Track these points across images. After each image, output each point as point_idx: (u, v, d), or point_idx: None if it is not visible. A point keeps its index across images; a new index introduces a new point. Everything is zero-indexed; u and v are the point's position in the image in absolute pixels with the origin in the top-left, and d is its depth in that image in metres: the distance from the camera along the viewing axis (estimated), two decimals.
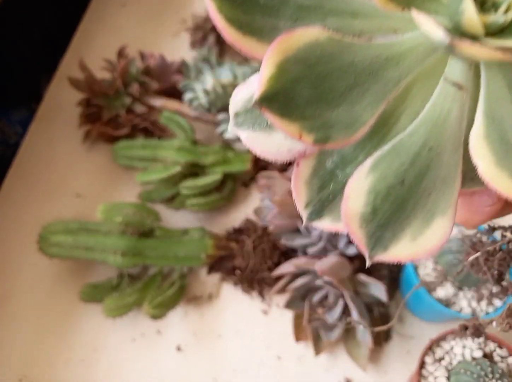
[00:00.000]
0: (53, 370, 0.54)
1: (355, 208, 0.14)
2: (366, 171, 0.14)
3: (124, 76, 0.64)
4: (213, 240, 0.56)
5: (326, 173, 0.15)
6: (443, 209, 0.14)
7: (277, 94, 0.12)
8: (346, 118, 0.13)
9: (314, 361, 0.52)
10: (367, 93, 0.13)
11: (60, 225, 0.55)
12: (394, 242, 0.14)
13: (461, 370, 0.42)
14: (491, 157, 0.12)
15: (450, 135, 0.14)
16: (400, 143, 0.14)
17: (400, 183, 0.14)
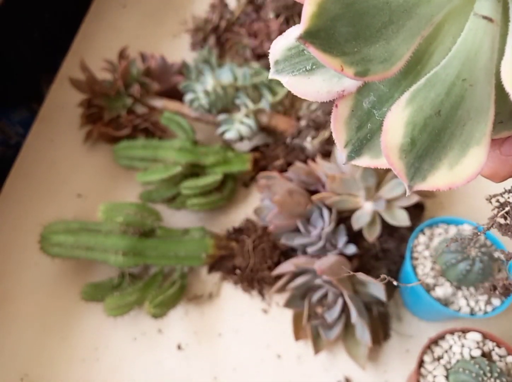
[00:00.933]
0: (54, 369, 0.54)
1: (394, 139, 0.14)
2: (403, 104, 0.14)
3: (125, 77, 0.64)
4: (214, 240, 0.56)
5: (364, 113, 0.16)
6: (478, 139, 0.14)
7: (319, 31, 0.13)
8: (383, 53, 0.14)
9: (313, 360, 0.52)
10: (401, 30, 0.14)
11: (61, 225, 0.55)
12: (432, 171, 0.14)
13: (460, 369, 0.42)
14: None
15: (482, 66, 0.14)
16: (435, 76, 0.14)
17: (436, 114, 0.14)
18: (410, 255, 0.49)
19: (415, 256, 0.49)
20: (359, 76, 0.14)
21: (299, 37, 0.13)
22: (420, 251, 0.49)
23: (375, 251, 0.53)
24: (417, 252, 0.50)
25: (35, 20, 0.87)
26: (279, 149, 0.61)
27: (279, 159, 0.60)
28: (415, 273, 0.48)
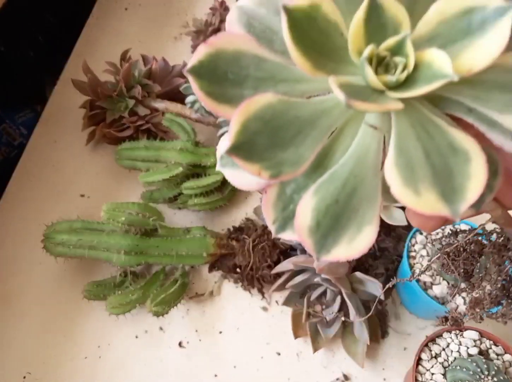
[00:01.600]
0: (57, 367, 0.55)
1: (304, 222, 0.18)
2: (311, 194, 0.18)
3: (127, 79, 0.65)
4: (215, 239, 0.57)
5: (287, 197, 0.19)
6: (369, 220, 0.18)
7: (242, 144, 0.16)
8: (293, 157, 0.17)
9: (312, 357, 0.53)
10: (308, 138, 0.17)
11: (64, 225, 0.56)
12: (334, 246, 0.18)
13: (457, 367, 0.43)
14: (399, 179, 0.16)
15: (370, 165, 0.18)
16: (335, 172, 0.18)
17: (335, 202, 0.18)
18: (407, 254, 0.50)
19: (412, 255, 0.50)
20: (273, 177, 0.17)
21: (226, 151, 0.16)
22: (418, 250, 0.50)
23: (372, 250, 0.54)
24: (414, 251, 0.50)
25: (38, 22, 0.88)
26: None
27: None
28: (413, 272, 0.49)
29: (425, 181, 0.16)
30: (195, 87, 0.17)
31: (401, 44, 0.16)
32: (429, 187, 0.16)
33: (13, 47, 0.85)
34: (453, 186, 0.16)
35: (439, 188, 0.16)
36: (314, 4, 0.16)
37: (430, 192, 0.16)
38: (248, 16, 0.19)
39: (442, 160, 0.16)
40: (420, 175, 0.16)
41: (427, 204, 0.16)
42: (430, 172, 0.16)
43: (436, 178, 0.16)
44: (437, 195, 0.16)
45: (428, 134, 0.17)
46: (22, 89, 0.90)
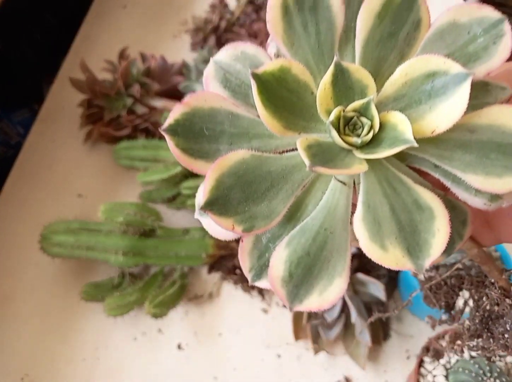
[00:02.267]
0: (55, 368, 0.54)
1: (277, 273, 0.18)
2: (283, 246, 0.18)
3: (125, 77, 0.64)
4: (214, 240, 0.56)
5: (262, 246, 0.20)
6: (340, 272, 0.18)
7: (216, 199, 0.17)
8: (266, 210, 0.18)
9: (313, 360, 0.52)
10: (280, 192, 0.18)
11: (61, 225, 0.55)
12: (307, 296, 0.18)
13: (460, 369, 0.42)
14: (366, 234, 0.17)
15: (339, 218, 0.18)
16: (305, 225, 0.18)
17: (307, 254, 0.18)
18: None
19: None
20: (246, 232, 0.17)
21: (201, 208, 0.17)
22: None
23: None
24: None
25: (35, 21, 0.87)
26: None
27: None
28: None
29: (391, 237, 0.17)
30: (171, 145, 0.18)
31: (367, 106, 0.17)
32: (395, 243, 0.17)
33: (11, 45, 0.84)
34: (418, 241, 0.17)
35: (404, 244, 0.17)
36: (284, 67, 0.17)
37: (395, 247, 0.17)
38: (224, 71, 0.20)
39: (407, 216, 0.17)
40: (386, 231, 0.17)
41: (393, 259, 0.16)
42: (396, 227, 0.17)
43: (401, 233, 0.17)
44: (403, 251, 0.17)
45: (395, 191, 0.17)
46: (20, 88, 0.89)
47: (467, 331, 0.25)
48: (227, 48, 0.21)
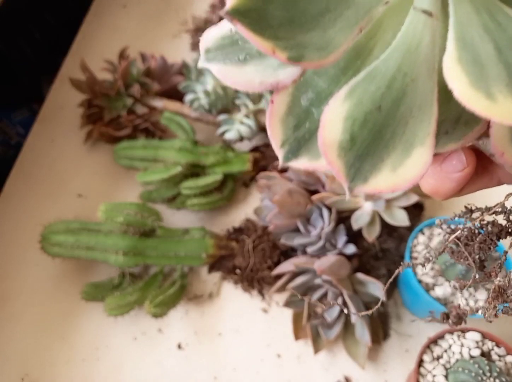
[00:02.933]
0: (55, 369, 0.54)
1: (332, 136, 0.13)
2: (342, 97, 0.13)
3: (125, 77, 0.64)
4: (214, 240, 0.56)
5: (302, 111, 0.15)
6: (422, 139, 0.14)
7: (249, 10, 0.12)
8: (320, 41, 0.13)
9: (313, 359, 0.52)
10: (339, 19, 0.13)
11: (61, 225, 0.55)
12: (374, 173, 0.13)
13: (459, 369, 0.42)
14: (465, 79, 0.12)
15: (423, 61, 0.14)
16: (375, 69, 0.14)
17: (377, 109, 0.13)
18: (409, 254, 0.49)
19: (414, 255, 0.49)
20: (292, 61, 0.12)
21: (227, 12, 0.12)
22: (420, 251, 0.50)
23: (374, 251, 0.53)
24: (416, 252, 0.50)
25: (35, 20, 0.87)
26: None
27: (279, 159, 0.61)
28: (415, 272, 0.48)
29: (500, 83, 0.12)
30: None
31: None
32: (505, 91, 0.12)
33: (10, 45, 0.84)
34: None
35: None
36: None
37: (506, 97, 0.12)
38: None
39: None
40: (492, 75, 0.12)
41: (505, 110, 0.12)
42: (504, 71, 0.13)
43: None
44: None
45: (499, 24, 0.13)
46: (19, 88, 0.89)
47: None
48: None
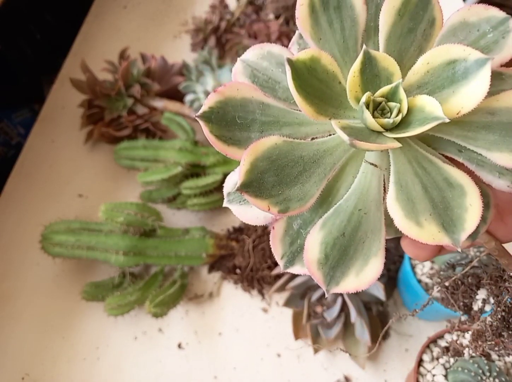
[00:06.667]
0: (56, 368, 0.55)
1: (313, 255, 0.18)
2: (318, 228, 0.19)
3: (126, 78, 0.65)
4: (214, 240, 0.57)
5: (294, 232, 0.20)
6: (375, 252, 0.18)
7: (251, 182, 0.18)
8: (300, 193, 0.18)
9: (313, 359, 0.53)
10: (313, 175, 0.19)
11: (62, 225, 0.55)
12: (343, 278, 0.18)
13: (459, 368, 0.42)
14: (401, 212, 0.17)
15: (373, 199, 0.19)
16: (339, 207, 0.19)
17: (342, 235, 0.19)
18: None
19: None
20: (281, 213, 0.18)
21: (237, 189, 0.17)
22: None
23: None
24: None
25: (36, 21, 0.87)
26: None
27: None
28: (414, 272, 0.48)
29: (426, 214, 0.17)
30: (206, 131, 0.19)
31: (395, 91, 0.18)
32: (430, 219, 0.17)
33: (11, 46, 0.84)
34: (452, 217, 0.17)
35: (439, 220, 0.17)
36: (314, 57, 0.18)
37: (431, 223, 0.17)
38: (252, 68, 0.21)
39: (439, 193, 0.17)
40: (420, 208, 0.17)
41: (429, 234, 0.17)
42: (429, 205, 0.17)
43: (435, 210, 0.17)
44: (438, 226, 0.17)
45: (425, 170, 0.18)
46: (20, 88, 0.89)
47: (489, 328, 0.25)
48: (253, 48, 0.22)
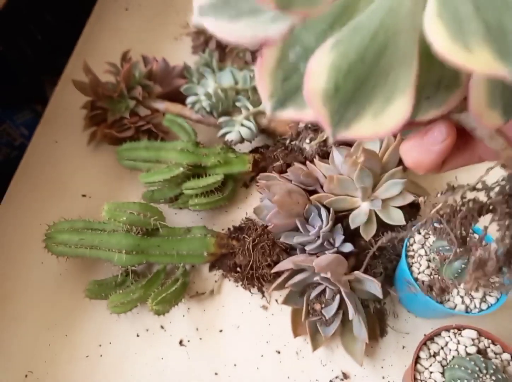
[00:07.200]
0: (59, 365, 0.55)
1: (318, 84, 0.14)
2: (328, 48, 0.14)
3: (128, 80, 0.65)
4: (215, 238, 0.57)
5: (290, 65, 0.16)
6: (403, 89, 0.14)
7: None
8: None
9: (312, 356, 0.53)
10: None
11: (66, 224, 0.56)
12: (356, 119, 0.14)
13: (456, 366, 0.43)
14: (445, 32, 0.13)
15: (405, 16, 0.14)
16: (360, 23, 0.14)
17: (360, 60, 0.14)
18: (405, 253, 0.50)
19: (410, 254, 0.50)
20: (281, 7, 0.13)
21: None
22: (416, 250, 0.51)
23: (371, 249, 0.54)
24: (412, 250, 0.51)
25: (38, 23, 0.88)
26: (279, 150, 0.62)
27: (278, 160, 0.62)
28: (411, 271, 0.49)
29: (477, 37, 0.13)
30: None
31: None
32: (482, 43, 0.13)
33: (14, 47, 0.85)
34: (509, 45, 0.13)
35: (494, 46, 0.13)
36: None
37: (483, 49, 0.13)
38: None
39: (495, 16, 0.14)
40: (470, 30, 0.13)
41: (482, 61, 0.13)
42: (481, 27, 0.13)
43: (490, 34, 0.13)
44: (492, 53, 0.13)
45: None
46: (23, 90, 0.90)
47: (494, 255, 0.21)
48: None
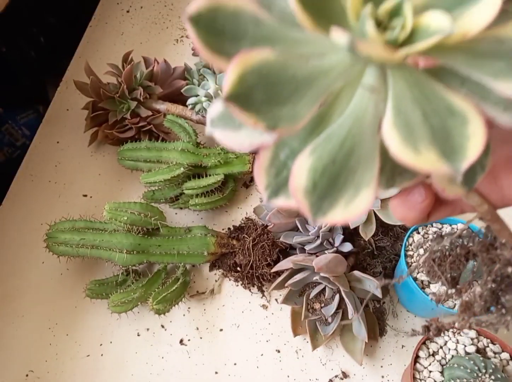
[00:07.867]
0: (60, 365, 0.56)
1: (300, 182, 0.17)
2: (307, 154, 0.18)
3: (129, 81, 0.66)
4: (215, 238, 0.58)
5: (280, 163, 0.19)
6: (368, 182, 0.17)
7: (239, 95, 0.16)
8: (290, 113, 0.17)
9: (311, 355, 0.54)
10: (305, 97, 0.17)
11: (67, 224, 0.56)
12: (331, 209, 0.17)
13: (455, 365, 0.43)
14: (398, 138, 0.16)
15: (368, 125, 0.17)
16: (332, 132, 0.18)
17: (332, 162, 0.17)
18: (404, 253, 0.50)
19: (409, 254, 0.51)
20: (269, 129, 0.17)
21: (224, 98, 0.16)
22: (415, 249, 0.51)
23: (370, 249, 0.55)
24: (411, 250, 0.51)
25: (40, 24, 0.88)
26: None
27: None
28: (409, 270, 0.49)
29: (425, 140, 0.16)
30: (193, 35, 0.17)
31: (399, 6, 0.17)
32: (429, 146, 0.16)
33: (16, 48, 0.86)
34: (452, 145, 0.16)
35: (439, 147, 0.16)
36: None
37: (430, 151, 0.16)
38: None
39: (440, 121, 0.16)
40: (419, 135, 0.16)
41: (428, 162, 0.16)
42: (429, 132, 0.16)
43: (435, 137, 0.16)
44: (438, 154, 0.16)
45: (425, 97, 0.17)
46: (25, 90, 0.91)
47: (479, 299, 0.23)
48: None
